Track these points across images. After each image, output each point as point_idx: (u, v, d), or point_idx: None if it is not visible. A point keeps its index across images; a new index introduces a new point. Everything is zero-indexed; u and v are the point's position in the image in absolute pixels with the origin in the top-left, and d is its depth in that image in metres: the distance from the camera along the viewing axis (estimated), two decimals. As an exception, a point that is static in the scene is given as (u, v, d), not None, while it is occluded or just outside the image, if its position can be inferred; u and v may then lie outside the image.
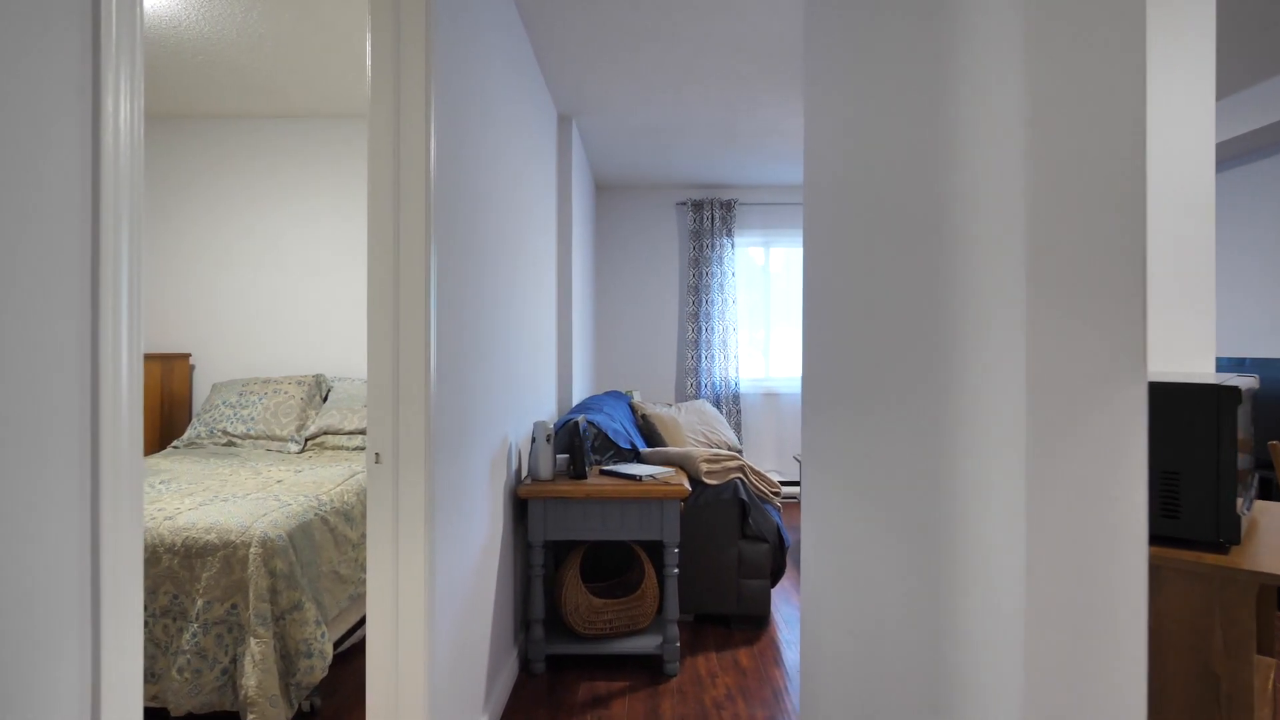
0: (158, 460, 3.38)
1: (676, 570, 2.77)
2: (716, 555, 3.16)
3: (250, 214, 4.25)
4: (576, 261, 4.35)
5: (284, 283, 4.25)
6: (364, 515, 2.82)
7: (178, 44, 3.20)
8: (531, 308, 3.18)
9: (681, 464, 3.18)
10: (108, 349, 0.81)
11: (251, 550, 2.20)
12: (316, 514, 2.53)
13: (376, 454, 1.73)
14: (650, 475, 2.81)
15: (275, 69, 3.52)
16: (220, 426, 3.82)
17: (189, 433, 3.83)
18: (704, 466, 3.11)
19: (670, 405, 5.03)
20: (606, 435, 3.22)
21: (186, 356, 4.18)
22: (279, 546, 2.24)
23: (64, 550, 0.78)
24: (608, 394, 4.76)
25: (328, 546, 2.53)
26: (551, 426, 2.83)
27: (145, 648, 2.17)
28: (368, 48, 1.78)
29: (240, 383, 4.02)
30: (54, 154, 0.77)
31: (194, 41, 3.19)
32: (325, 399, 4.08)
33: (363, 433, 3.79)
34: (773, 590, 3.67)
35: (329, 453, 3.70)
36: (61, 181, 0.78)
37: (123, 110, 0.87)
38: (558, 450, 3.04)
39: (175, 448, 3.77)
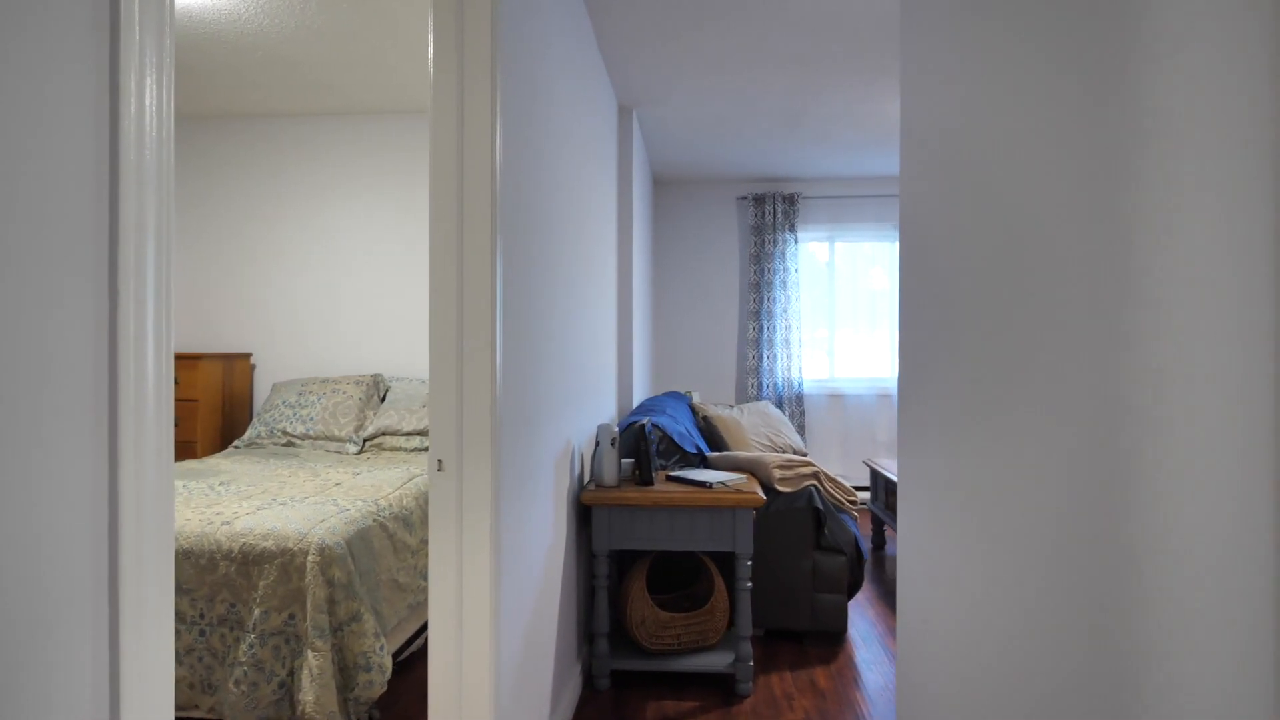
0: (218, 460, 3.36)
1: (749, 584, 2.59)
2: (789, 567, 2.97)
3: (309, 212, 4.23)
4: (636, 258, 4.20)
5: (342, 281, 4.21)
6: (423, 521, 2.72)
7: (236, 38, 3.16)
8: (592, 306, 3.05)
9: (752, 470, 3.00)
10: (128, 344, 0.69)
11: (309, 558, 2.11)
12: (375, 520, 2.44)
13: (439, 461, 1.60)
14: (721, 482, 2.64)
15: (333, 64, 3.46)
16: (280, 426, 3.79)
17: (249, 432, 3.81)
18: (777, 473, 2.92)
19: (731, 407, 4.85)
20: (672, 439, 3.06)
21: (248, 356, 4.18)
22: (337, 555, 2.15)
23: (74, 552, 0.66)
24: (667, 395, 4.60)
25: (386, 554, 2.43)
26: (616, 429, 2.68)
27: (202, 657, 2.10)
28: (429, 39, 1.65)
29: (300, 382, 3.99)
30: (65, 138, 0.65)
31: (252, 36, 3.15)
32: (383, 399, 4.02)
33: (421, 434, 3.71)
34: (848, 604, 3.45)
35: (387, 454, 3.63)
36: (74, 166, 0.65)
37: (148, 93, 0.75)
38: (622, 454, 2.89)
39: (236, 447, 3.76)
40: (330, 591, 2.11)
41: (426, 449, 3.68)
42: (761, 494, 2.57)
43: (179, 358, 3.76)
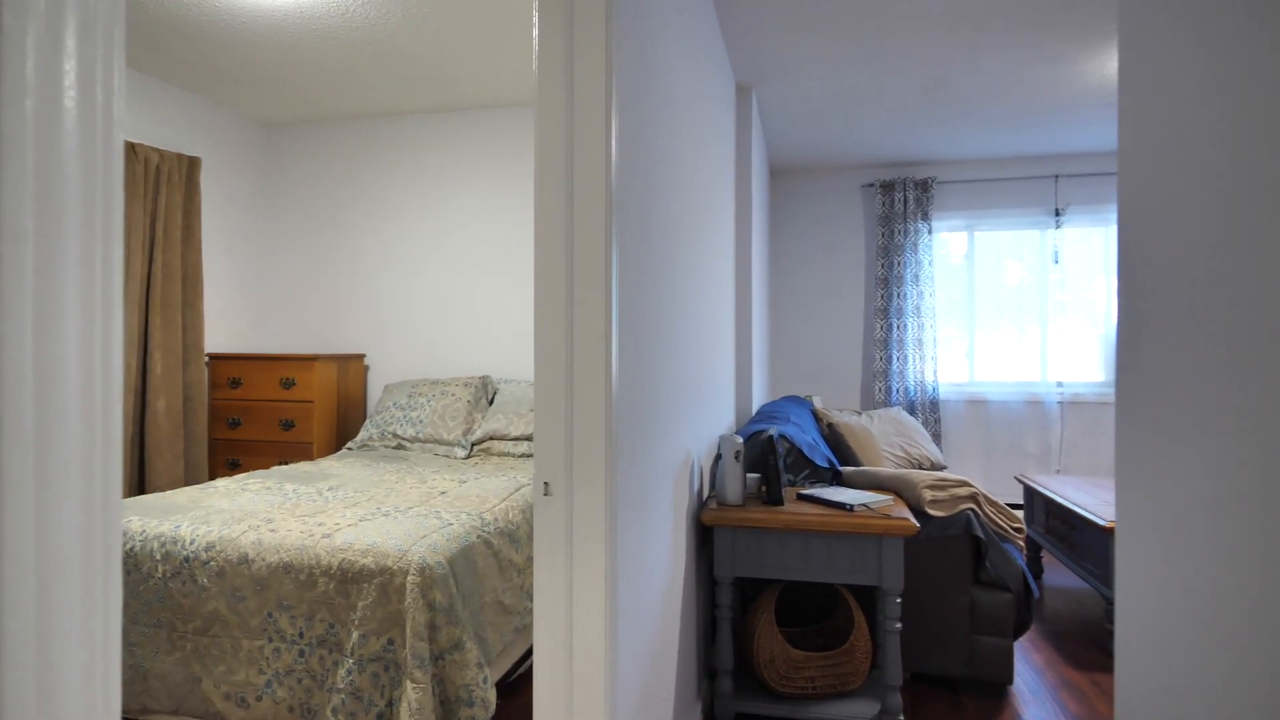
0: (330, 463, 3.32)
1: (899, 625, 2.22)
2: (941, 603, 2.56)
3: (420, 211, 4.17)
4: (755, 252, 3.87)
5: (451, 280, 4.13)
6: (530, 536, 2.52)
7: (345, 33, 3.10)
8: (709, 306, 2.76)
9: (898, 489, 2.61)
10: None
11: (409, 579, 1.93)
12: (479, 535, 2.25)
13: (545, 483, 1.36)
14: (864, 504, 2.28)
15: (441, 56, 3.35)
16: (390, 429, 3.73)
17: (361, 434, 3.78)
18: (927, 494, 2.52)
19: (859, 413, 4.42)
20: (801, 451, 2.72)
21: (361, 357, 4.17)
22: (438, 575, 1.96)
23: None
24: (787, 400, 4.23)
25: (491, 573, 2.24)
26: (739, 440, 2.38)
27: (301, 679, 1.97)
28: (535, 20, 1.41)
29: (410, 384, 3.93)
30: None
31: (361, 30, 3.07)
32: (491, 401, 3.90)
33: (529, 439, 3.55)
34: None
35: (494, 459, 3.49)
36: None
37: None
38: (746, 468, 2.59)
39: (349, 449, 3.74)
40: (431, 616, 1.93)
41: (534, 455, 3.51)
42: (913, 520, 2.19)
43: (293, 359, 3.78)
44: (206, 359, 3.89)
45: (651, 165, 1.79)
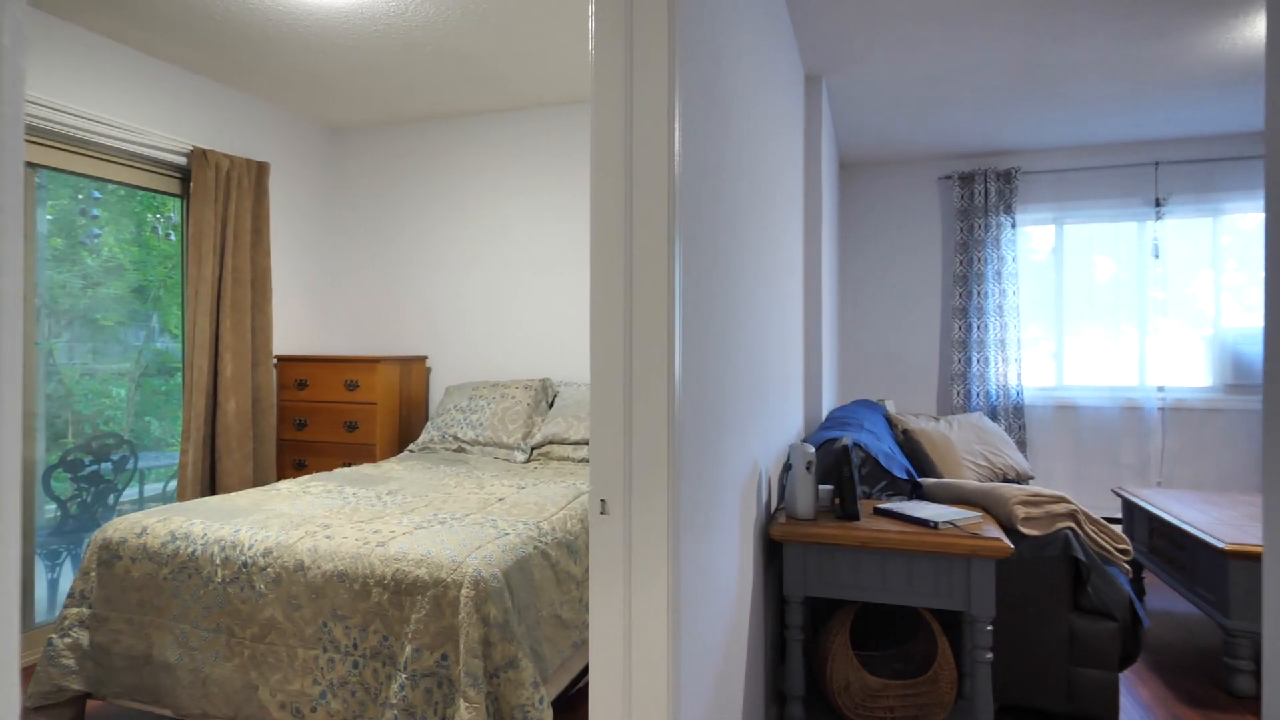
0: (391, 466, 3.30)
1: (990, 655, 2.02)
2: (1035, 631, 2.34)
3: (480, 211, 4.15)
4: (825, 250, 3.68)
5: (512, 281, 4.09)
6: (587, 546, 2.42)
7: (406, 32, 3.07)
8: (777, 307, 2.60)
9: (985, 504, 2.40)
10: None
11: (463, 592, 1.86)
12: (536, 546, 2.16)
13: (602, 501, 1.25)
14: (949, 522, 2.09)
15: (498, 54, 3.29)
16: (451, 431, 3.71)
17: (423, 436, 3.77)
18: (1020, 510, 2.30)
19: (936, 419, 4.17)
20: (877, 461, 2.54)
21: (423, 359, 4.17)
22: (493, 589, 1.88)
23: None
24: (859, 404, 4.02)
25: (548, 586, 2.15)
26: (811, 450, 2.22)
27: (355, 692, 1.92)
28: (591, 9, 1.30)
29: (470, 386, 3.90)
30: None
31: (421, 29, 3.04)
32: (551, 404, 3.83)
33: (588, 443, 3.45)
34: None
35: (554, 464, 3.41)
36: None
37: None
38: (818, 479, 2.42)
39: (410, 451, 3.73)
40: (485, 632, 1.84)
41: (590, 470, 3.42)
42: (1006, 540, 1.99)
43: (357, 361, 3.79)
44: (275, 361, 3.95)
45: (716, 161, 1.66)
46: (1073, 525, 2.33)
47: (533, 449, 3.55)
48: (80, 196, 3.82)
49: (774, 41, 2.55)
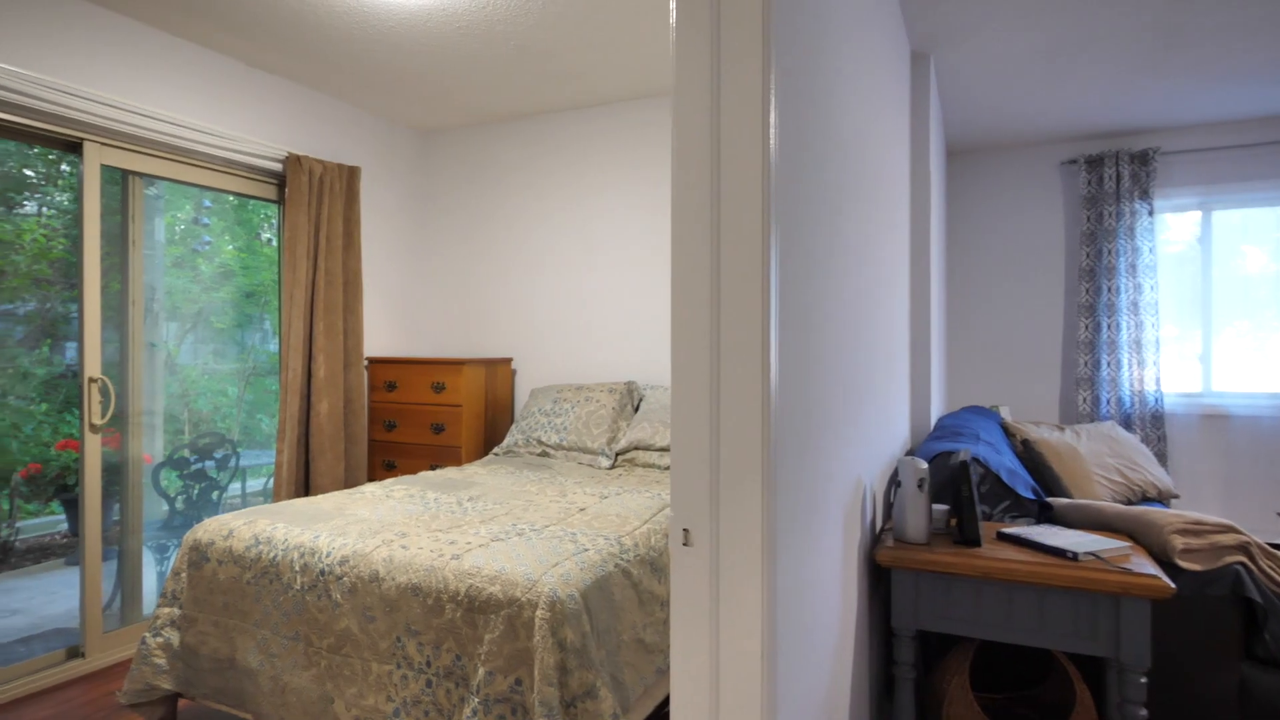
0: (475, 469, 3.25)
1: (1144, 712, 1.71)
2: (1199, 683, 2.00)
3: (563, 212, 4.06)
4: (933, 244, 3.38)
5: (595, 282, 3.98)
6: (674, 564, 2.26)
7: (488, 27, 3.00)
8: (880, 306, 2.35)
9: (1132, 531, 2.08)
10: None
11: (538, 614, 1.73)
12: (617, 564, 2.02)
13: (685, 531, 1.08)
14: (1090, 552, 1.80)
15: (581, 47, 3.18)
16: (535, 435, 3.63)
17: (508, 440, 3.71)
18: (1178, 540, 1.97)
19: (1060, 428, 3.76)
20: (999, 478, 2.25)
21: (508, 361, 4.12)
22: (570, 611, 1.74)
23: None
24: (970, 411, 3.68)
25: (630, 608, 1.99)
26: (923, 465, 1.97)
27: (428, 712, 1.83)
28: None
29: (555, 389, 3.82)
30: None
31: (503, 24, 2.96)
32: (637, 408, 3.69)
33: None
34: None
35: (639, 471, 3.27)
36: None
37: None
38: (932, 498, 2.16)
39: (495, 455, 3.68)
40: (561, 657, 1.71)
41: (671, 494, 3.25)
42: (1165, 578, 1.69)
43: (444, 363, 3.78)
44: (365, 362, 4.00)
45: (816, 151, 1.46)
46: (1244, 560, 1.97)
47: (617, 455, 3.42)
48: (189, 206, 3.99)
49: (877, 16, 2.31)
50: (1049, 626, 1.79)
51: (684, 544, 1.09)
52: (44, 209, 3.74)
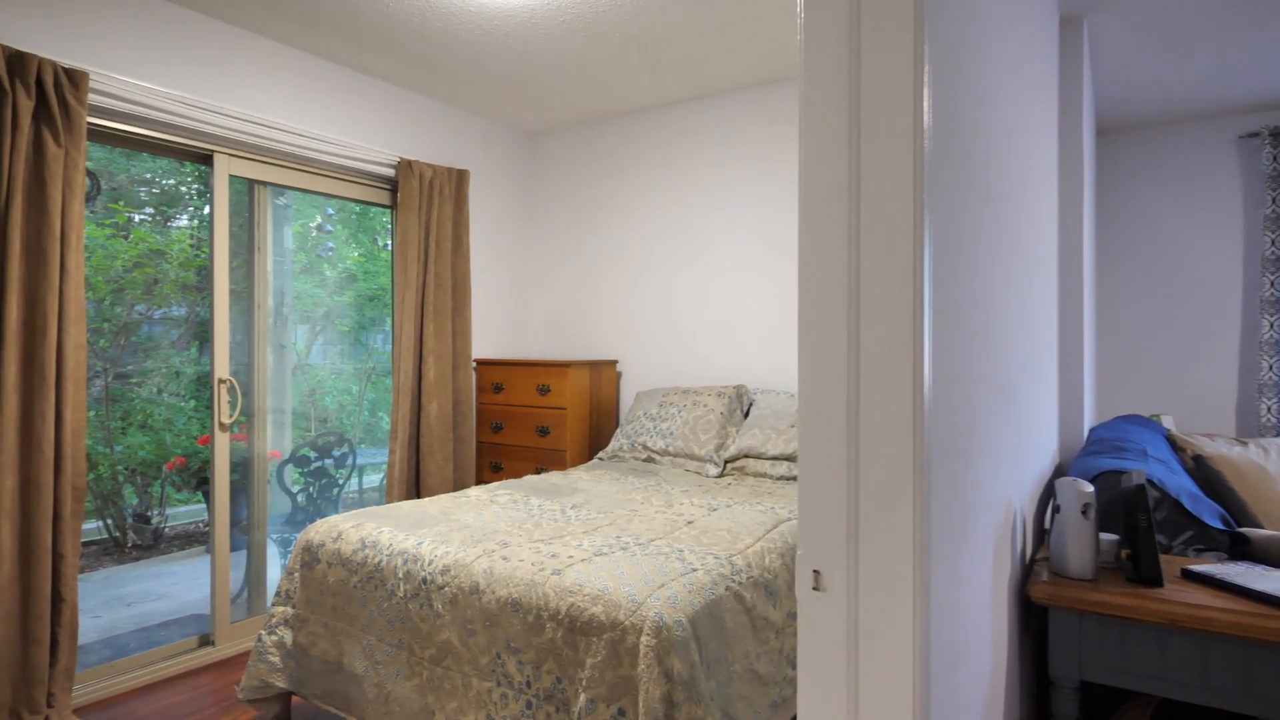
0: (579, 475, 3.17)
1: (1392, 808, 1.37)
2: None
3: (670, 209, 3.92)
4: (1085, 233, 2.99)
5: (702, 281, 3.82)
6: (791, 587, 2.07)
7: (593, 19, 2.90)
8: (1030, 302, 2.06)
9: (1363, 577, 1.70)
10: None
11: (643, 640, 1.59)
12: (729, 587, 1.85)
13: (815, 573, 0.91)
14: (1314, 603, 1.47)
15: (688, 36, 3.03)
16: (640, 440, 3.52)
17: (612, 444, 3.62)
18: None
19: (1243, 443, 3.25)
20: (1180, 504, 1.91)
21: (614, 363, 4.04)
22: (677, 639, 1.60)
23: None
24: (1128, 421, 3.24)
25: (743, 635, 1.83)
26: (1089, 490, 1.68)
27: (528, 736, 1.74)
28: None
29: (661, 392, 3.69)
30: None
31: (608, 14, 2.86)
32: (747, 414, 3.50)
33: (790, 459, 3.09)
34: None
35: (750, 480, 3.08)
36: None
37: None
38: (1099, 526, 1.86)
39: (600, 459, 3.60)
40: (668, 689, 1.57)
41: (794, 478, 3.04)
42: None
43: (548, 365, 3.73)
44: (473, 364, 4.02)
45: (967, 133, 1.24)
46: None
47: (726, 462, 3.25)
48: (316, 215, 4.16)
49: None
50: (1258, 691, 1.48)
51: (814, 588, 0.92)
52: (193, 220, 4.00)
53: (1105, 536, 1.79)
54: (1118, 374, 4.22)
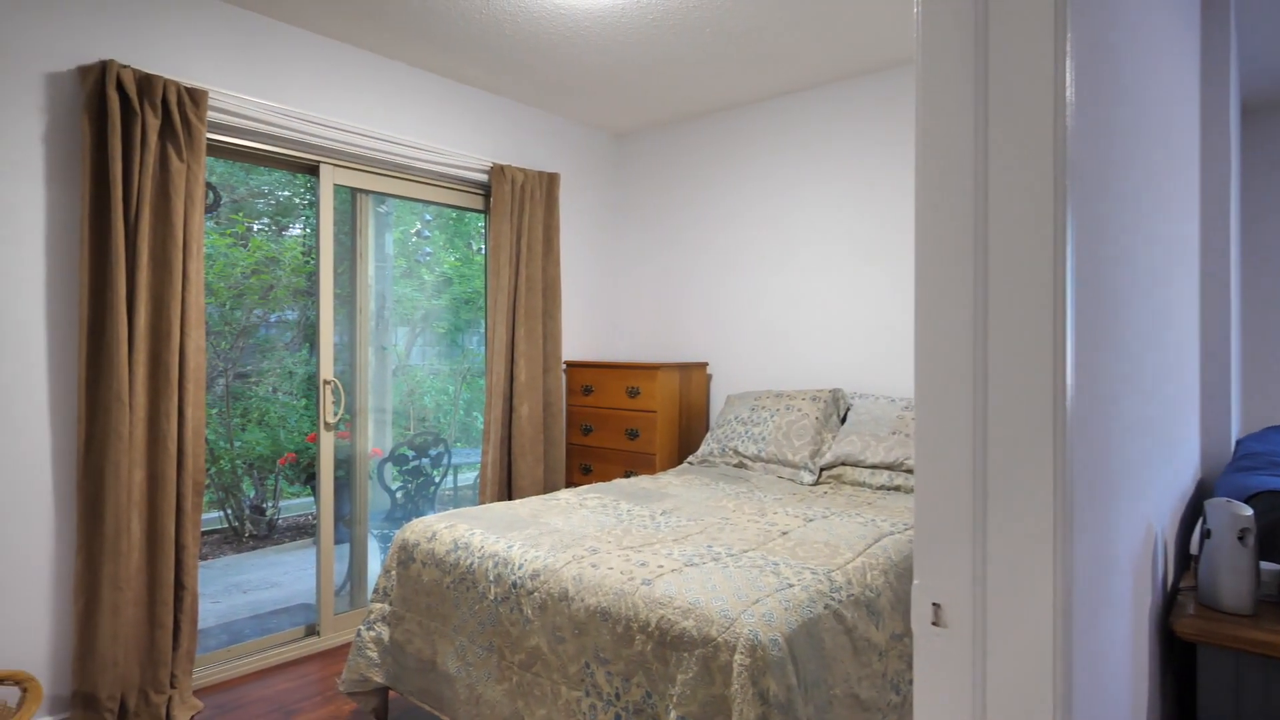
0: (669, 480, 3.11)
1: None
2: None
3: (762, 207, 3.81)
4: (1232, 224, 2.68)
5: (795, 281, 3.68)
6: (894, 606, 1.94)
7: (682, 15, 2.84)
8: (1173, 300, 1.85)
9: None
10: None
11: (736, 658, 1.52)
12: (828, 605, 1.75)
13: (934, 607, 0.81)
14: None
15: (780, 26, 2.92)
16: (731, 445, 3.42)
17: (703, 448, 3.54)
18: None
19: None
20: (1359, 531, 1.66)
21: (704, 365, 3.96)
22: (773, 659, 1.51)
23: None
24: (1276, 430, 2.89)
25: (843, 657, 1.72)
26: (1248, 514, 1.48)
27: (617, 750, 1.69)
28: None
29: (752, 395, 3.59)
30: None
31: (698, 8, 2.79)
32: (843, 419, 3.35)
33: (890, 468, 2.92)
34: None
35: (848, 490, 2.94)
36: None
37: None
38: (1260, 554, 1.64)
39: (690, 464, 3.53)
40: (763, 712, 1.48)
41: (895, 488, 2.88)
42: None
43: (638, 368, 3.70)
44: (564, 366, 4.04)
45: (1106, 105, 1.10)
46: None
47: (822, 470, 3.11)
48: (416, 222, 4.30)
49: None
50: None
51: (933, 623, 0.82)
52: (304, 229, 4.22)
53: (1266, 566, 1.57)
54: (1265, 378, 3.79)
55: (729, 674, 1.52)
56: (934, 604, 0.82)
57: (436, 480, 4.19)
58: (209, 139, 2.71)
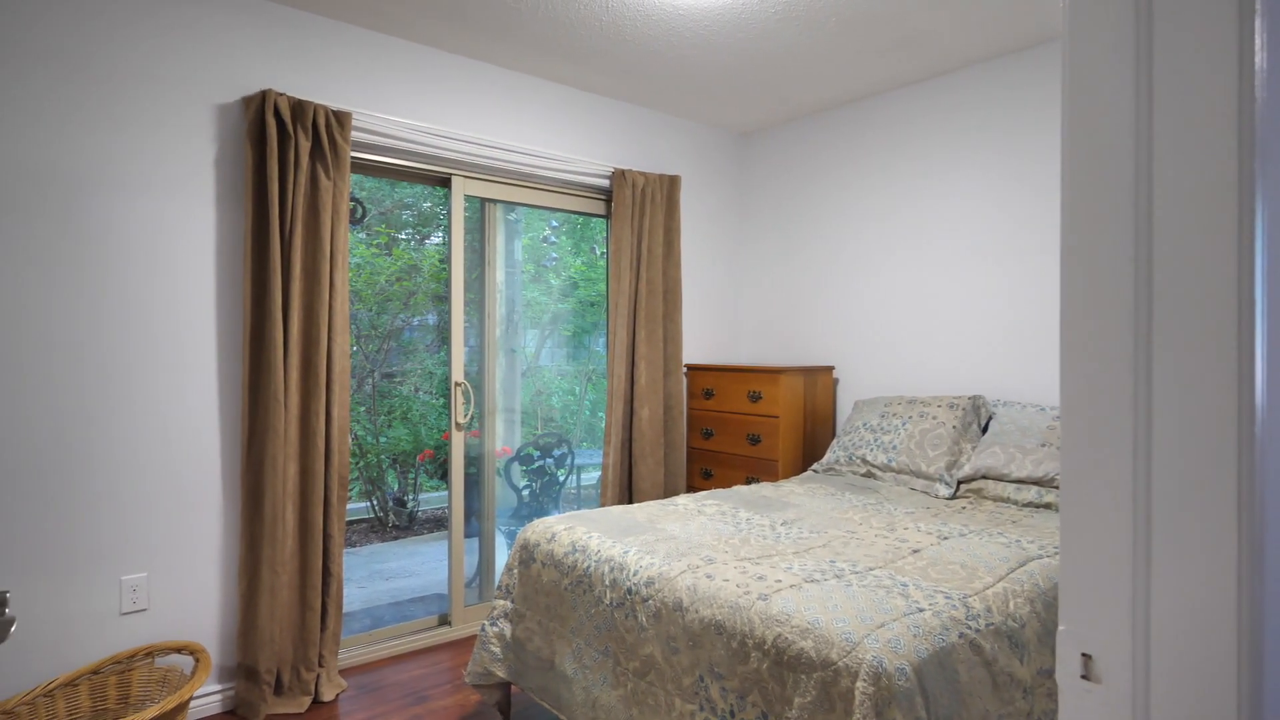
0: (792, 488, 3.01)
1: None
2: None
3: (895, 203, 3.60)
4: None
5: (930, 280, 3.45)
6: (1041, 639, 1.75)
7: (806, 5, 2.73)
8: None
9: None
10: None
11: (859, 685, 1.42)
12: (963, 633, 1.60)
13: (1085, 658, 0.71)
14: None
15: (915, 9, 2.74)
16: (859, 453, 3.26)
17: (828, 456, 3.40)
18: None
19: None
20: None
21: (830, 370, 3.80)
22: (899, 689, 1.40)
23: None
24: None
25: (981, 692, 1.57)
26: None
27: (731, 769, 1.64)
28: None
29: (883, 401, 3.40)
30: None
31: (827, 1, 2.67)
32: (984, 429, 3.10)
33: (1038, 483, 2.67)
34: None
35: (989, 506, 2.71)
36: None
37: None
38: None
39: (814, 471, 3.40)
40: (887, 746, 1.38)
41: (1045, 505, 2.62)
42: None
43: (760, 371, 3.60)
44: (684, 370, 4.01)
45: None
46: None
47: (959, 483, 2.90)
48: (545, 228, 4.43)
49: None
50: None
51: (1083, 676, 0.71)
52: (443, 238, 4.46)
53: None
54: None
55: (850, 702, 1.43)
56: (1083, 654, 0.71)
57: (561, 480, 4.29)
58: (352, 156, 2.91)
